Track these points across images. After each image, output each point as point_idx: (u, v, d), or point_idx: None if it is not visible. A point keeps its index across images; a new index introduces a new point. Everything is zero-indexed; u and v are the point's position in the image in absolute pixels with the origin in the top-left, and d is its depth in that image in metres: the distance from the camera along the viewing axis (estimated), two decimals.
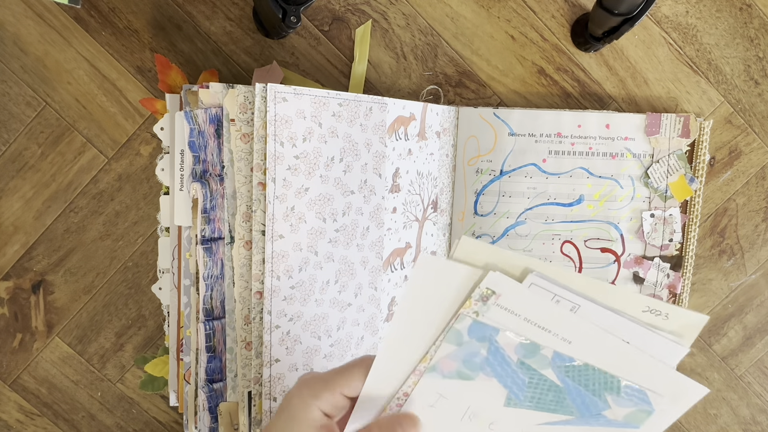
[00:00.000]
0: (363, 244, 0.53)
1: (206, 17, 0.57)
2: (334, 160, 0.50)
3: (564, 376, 0.34)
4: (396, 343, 0.35)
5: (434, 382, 0.35)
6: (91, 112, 0.57)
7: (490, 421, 0.36)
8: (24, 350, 0.60)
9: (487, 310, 0.33)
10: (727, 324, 0.65)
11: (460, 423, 0.37)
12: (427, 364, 0.36)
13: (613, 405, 0.34)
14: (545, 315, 0.33)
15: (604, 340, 0.34)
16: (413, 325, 0.35)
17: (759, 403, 0.66)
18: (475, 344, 0.34)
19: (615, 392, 0.34)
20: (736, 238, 0.63)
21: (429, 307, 0.34)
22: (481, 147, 0.60)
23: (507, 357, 0.34)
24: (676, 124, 0.59)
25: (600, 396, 0.34)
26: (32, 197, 0.58)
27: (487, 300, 0.33)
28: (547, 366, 0.34)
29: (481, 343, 0.34)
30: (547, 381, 0.35)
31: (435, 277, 0.33)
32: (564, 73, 0.61)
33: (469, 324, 0.33)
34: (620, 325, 0.34)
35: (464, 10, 0.59)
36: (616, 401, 0.34)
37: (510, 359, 0.34)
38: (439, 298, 0.34)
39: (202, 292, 0.51)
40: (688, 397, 0.34)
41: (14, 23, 0.55)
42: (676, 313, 0.34)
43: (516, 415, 0.36)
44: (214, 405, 0.52)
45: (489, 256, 0.33)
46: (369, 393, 0.37)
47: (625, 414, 0.35)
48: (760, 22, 0.61)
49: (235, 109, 0.48)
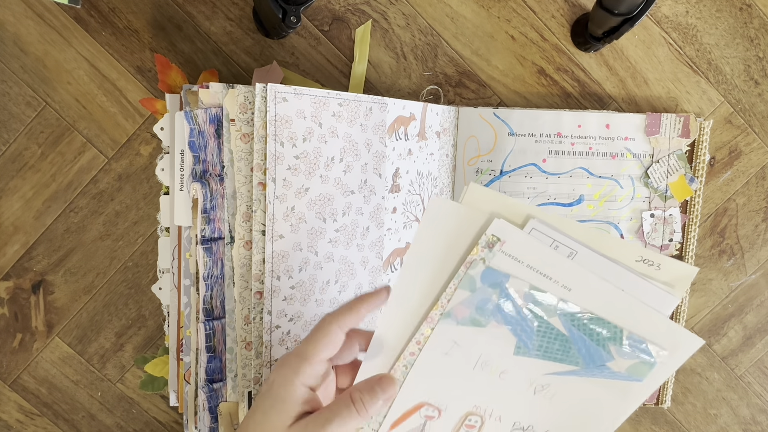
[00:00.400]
0: (363, 244, 0.53)
1: (206, 17, 0.57)
2: (334, 160, 0.50)
3: (570, 326, 0.35)
4: (407, 286, 0.36)
5: (449, 328, 0.36)
6: (91, 112, 0.57)
7: (500, 370, 0.37)
8: (24, 350, 0.60)
9: (493, 256, 0.34)
10: (727, 324, 0.65)
11: (473, 372, 0.37)
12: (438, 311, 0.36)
13: (616, 356, 0.35)
14: (546, 262, 0.34)
15: (601, 288, 0.34)
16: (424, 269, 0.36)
17: (759, 403, 0.66)
18: (487, 290, 0.35)
19: (618, 344, 0.35)
20: (736, 238, 0.63)
21: (438, 249, 0.35)
22: (481, 147, 0.60)
23: (516, 304, 0.35)
24: (676, 124, 0.59)
25: (604, 347, 0.35)
26: (32, 197, 0.58)
27: (493, 246, 0.34)
28: (554, 314, 0.35)
29: (492, 290, 0.35)
30: (554, 330, 0.35)
31: (445, 220, 0.35)
32: (564, 73, 0.61)
33: (481, 270, 0.34)
34: (615, 273, 0.35)
35: (464, 10, 0.59)
36: (619, 353, 0.35)
37: (519, 306, 0.35)
38: (448, 241, 0.35)
39: (202, 292, 0.51)
40: (685, 347, 0.35)
41: (14, 23, 0.55)
42: (668, 264, 0.35)
43: (525, 364, 0.37)
44: (214, 405, 0.52)
45: (494, 203, 0.35)
46: (381, 339, 0.37)
47: (628, 366, 0.35)
48: (760, 22, 0.61)
49: (235, 109, 0.48)
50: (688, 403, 0.66)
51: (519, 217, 0.35)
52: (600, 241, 0.35)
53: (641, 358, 0.35)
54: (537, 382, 0.37)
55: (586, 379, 0.36)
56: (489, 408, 0.38)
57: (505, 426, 0.38)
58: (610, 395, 0.36)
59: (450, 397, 0.38)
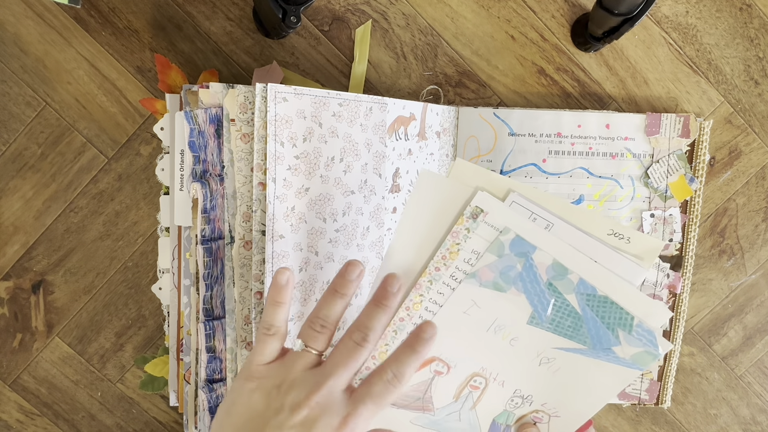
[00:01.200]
0: (363, 244, 0.53)
1: (206, 17, 0.57)
2: (334, 160, 0.50)
3: (585, 305, 0.36)
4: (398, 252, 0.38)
5: (471, 288, 0.37)
6: (91, 112, 0.57)
7: (512, 336, 0.38)
8: (24, 350, 0.60)
9: (477, 226, 0.36)
10: (727, 324, 0.65)
11: (486, 334, 0.39)
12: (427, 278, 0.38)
13: (623, 342, 0.36)
14: (525, 232, 0.36)
15: (576, 258, 0.36)
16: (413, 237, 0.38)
17: (759, 403, 0.66)
18: (513, 258, 0.36)
19: (628, 330, 0.36)
20: (736, 238, 0.63)
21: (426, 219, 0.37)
22: (481, 147, 0.60)
23: (538, 275, 0.36)
24: (676, 124, 0.59)
25: (614, 331, 0.36)
26: (32, 197, 0.58)
27: (477, 217, 0.36)
28: (571, 291, 0.36)
29: (518, 258, 0.36)
30: (569, 306, 0.36)
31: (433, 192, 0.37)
32: (564, 73, 0.61)
33: (512, 238, 0.35)
34: (589, 245, 0.36)
35: (464, 10, 0.59)
36: (627, 339, 0.36)
37: (540, 278, 0.36)
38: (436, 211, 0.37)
39: (202, 292, 0.51)
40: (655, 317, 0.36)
41: (14, 23, 0.55)
42: (637, 238, 0.36)
43: (536, 335, 0.38)
44: (214, 405, 0.52)
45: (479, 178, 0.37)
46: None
47: (633, 353, 0.36)
48: (760, 22, 0.61)
49: (236, 109, 0.48)
50: (688, 403, 0.66)
51: (501, 191, 0.37)
52: (574, 214, 0.37)
53: (647, 348, 0.36)
54: (544, 354, 0.38)
55: (590, 359, 0.37)
56: (495, 372, 0.39)
57: (507, 391, 0.39)
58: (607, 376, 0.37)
59: (461, 355, 0.39)
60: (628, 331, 0.36)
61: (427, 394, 0.40)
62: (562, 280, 0.36)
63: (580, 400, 0.38)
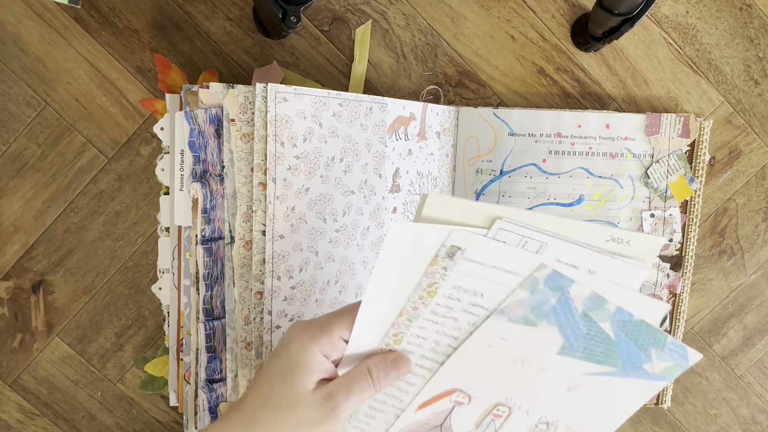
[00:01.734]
0: (363, 244, 0.53)
1: (206, 17, 0.57)
2: (334, 160, 0.50)
3: (620, 331, 0.35)
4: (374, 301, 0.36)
5: (499, 324, 0.36)
6: (91, 112, 0.57)
7: (540, 367, 0.37)
8: (24, 350, 0.60)
9: (455, 264, 0.34)
10: (727, 324, 0.65)
11: (511, 366, 0.37)
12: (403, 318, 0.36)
13: (655, 359, 0.35)
14: (511, 259, 0.34)
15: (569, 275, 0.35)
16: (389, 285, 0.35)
17: (759, 403, 0.66)
18: (548, 292, 0.34)
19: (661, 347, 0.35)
20: (736, 238, 0.63)
21: (402, 269, 0.35)
22: (481, 147, 0.60)
23: (574, 308, 0.35)
24: (676, 124, 0.59)
25: (646, 350, 0.35)
26: (32, 197, 0.58)
27: (454, 255, 0.34)
28: (607, 319, 0.35)
29: (553, 292, 0.34)
30: (603, 333, 0.35)
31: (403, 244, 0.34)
32: (564, 73, 0.61)
33: (548, 273, 0.34)
34: (586, 257, 0.35)
35: (464, 10, 0.59)
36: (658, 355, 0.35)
37: (576, 310, 0.35)
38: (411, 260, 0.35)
39: (202, 292, 0.51)
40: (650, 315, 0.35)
41: (14, 23, 0.55)
42: (637, 239, 0.35)
43: (566, 364, 0.36)
44: (214, 405, 0.52)
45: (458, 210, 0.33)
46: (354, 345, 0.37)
47: (663, 368, 0.35)
48: (760, 22, 0.61)
49: (236, 109, 0.48)
50: (688, 403, 0.66)
51: (485, 219, 0.34)
52: (569, 228, 0.35)
53: (678, 361, 0.35)
54: (572, 382, 0.37)
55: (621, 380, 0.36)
56: (519, 401, 0.38)
57: (532, 419, 0.38)
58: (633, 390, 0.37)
59: (483, 386, 0.38)
60: (661, 349, 0.35)
61: (446, 422, 0.39)
62: (599, 310, 0.35)
63: (605, 417, 0.38)
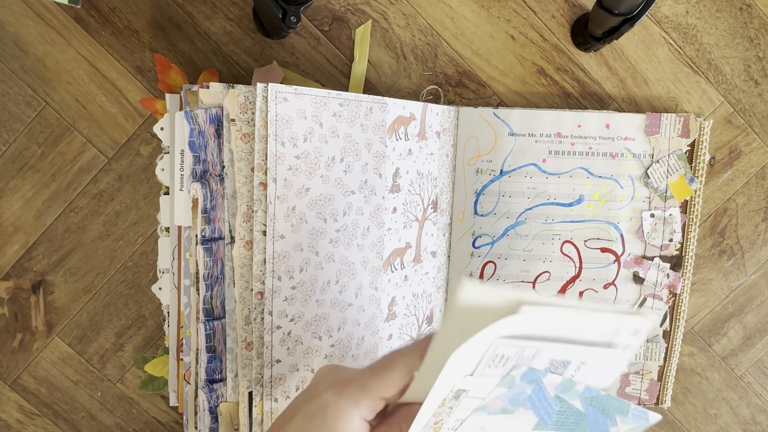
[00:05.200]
0: (363, 244, 0.53)
1: (206, 17, 0.57)
2: (334, 160, 0.50)
3: (588, 405, 0.38)
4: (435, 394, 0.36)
5: (480, 418, 0.38)
6: (91, 112, 0.57)
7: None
8: (24, 350, 0.60)
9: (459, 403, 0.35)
10: (727, 324, 0.65)
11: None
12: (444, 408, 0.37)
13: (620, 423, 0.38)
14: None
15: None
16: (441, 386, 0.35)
17: (759, 403, 0.66)
18: (524, 385, 0.36)
19: (625, 414, 0.38)
20: (736, 238, 0.63)
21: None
22: (481, 147, 0.60)
23: (547, 393, 0.37)
24: (676, 124, 0.59)
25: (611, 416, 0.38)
26: (32, 197, 0.58)
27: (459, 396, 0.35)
28: (577, 397, 0.37)
29: (529, 384, 0.36)
30: (573, 409, 0.38)
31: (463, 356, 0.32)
32: (564, 73, 0.61)
33: (524, 371, 0.35)
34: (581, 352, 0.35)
35: (464, 10, 0.59)
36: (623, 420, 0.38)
37: (549, 394, 0.37)
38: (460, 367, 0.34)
39: (202, 292, 0.51)
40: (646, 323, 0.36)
41: (14, 23, 0.55)
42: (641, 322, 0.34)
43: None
44: (214, 405, 0.52)
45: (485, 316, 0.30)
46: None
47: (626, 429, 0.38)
48: (760, 22, 0.61)
49: (236, 109, 0.48)
50: (688, 403, 0.66)
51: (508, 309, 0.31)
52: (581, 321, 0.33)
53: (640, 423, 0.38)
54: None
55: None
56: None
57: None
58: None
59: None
60: (625, 415, 0.38)
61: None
62: (569, 392, 0.37)
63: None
